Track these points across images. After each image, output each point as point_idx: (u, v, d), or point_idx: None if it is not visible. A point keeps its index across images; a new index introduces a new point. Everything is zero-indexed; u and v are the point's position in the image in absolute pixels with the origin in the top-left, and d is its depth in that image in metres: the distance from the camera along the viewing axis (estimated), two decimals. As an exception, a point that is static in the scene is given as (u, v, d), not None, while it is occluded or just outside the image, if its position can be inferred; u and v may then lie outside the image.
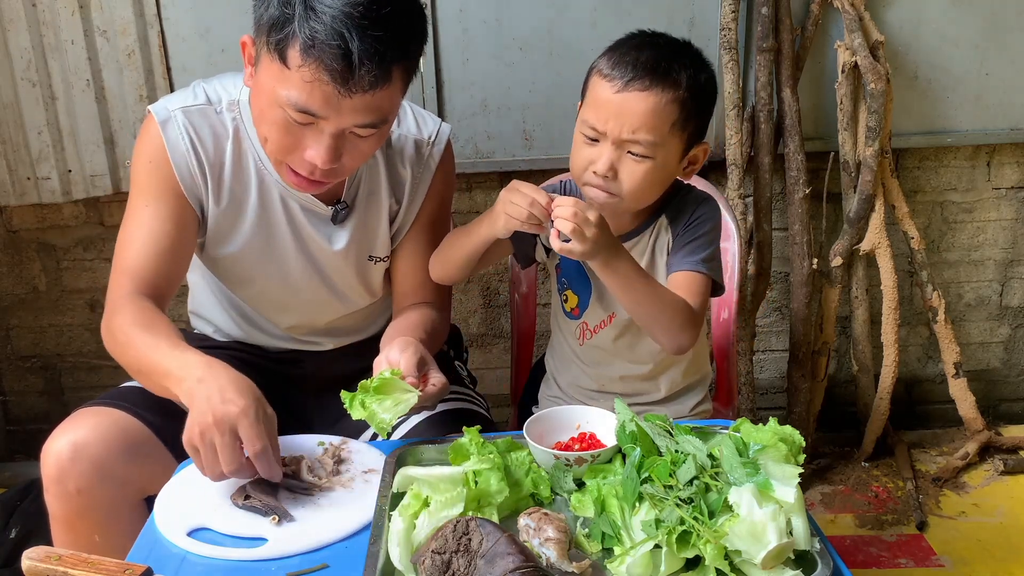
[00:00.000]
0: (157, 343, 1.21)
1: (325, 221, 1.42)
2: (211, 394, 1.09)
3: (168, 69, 2.11)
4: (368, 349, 1.46)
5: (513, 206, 1.25)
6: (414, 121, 1.47)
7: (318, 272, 1.46)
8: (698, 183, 1.55)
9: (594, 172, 1.30)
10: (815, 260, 2.24)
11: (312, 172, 1.25)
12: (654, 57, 1.28)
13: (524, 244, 1.48)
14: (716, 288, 1.41)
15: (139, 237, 1.34)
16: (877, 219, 2.20)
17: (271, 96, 1.19)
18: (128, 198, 1.38)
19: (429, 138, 1.48)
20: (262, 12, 1.17)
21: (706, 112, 1.34)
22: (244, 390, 1.11)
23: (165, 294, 1.37)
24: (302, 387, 1.55)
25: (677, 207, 1.42)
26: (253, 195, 1.38)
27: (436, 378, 1.22)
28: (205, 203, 1.37)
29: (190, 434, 1.09)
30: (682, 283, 1.38)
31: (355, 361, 1.51)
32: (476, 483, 1.03)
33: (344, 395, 1.15)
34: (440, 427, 1.40)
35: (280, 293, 1.47)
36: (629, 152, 1.29)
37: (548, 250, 1.47)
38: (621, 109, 1.27)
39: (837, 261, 2.26)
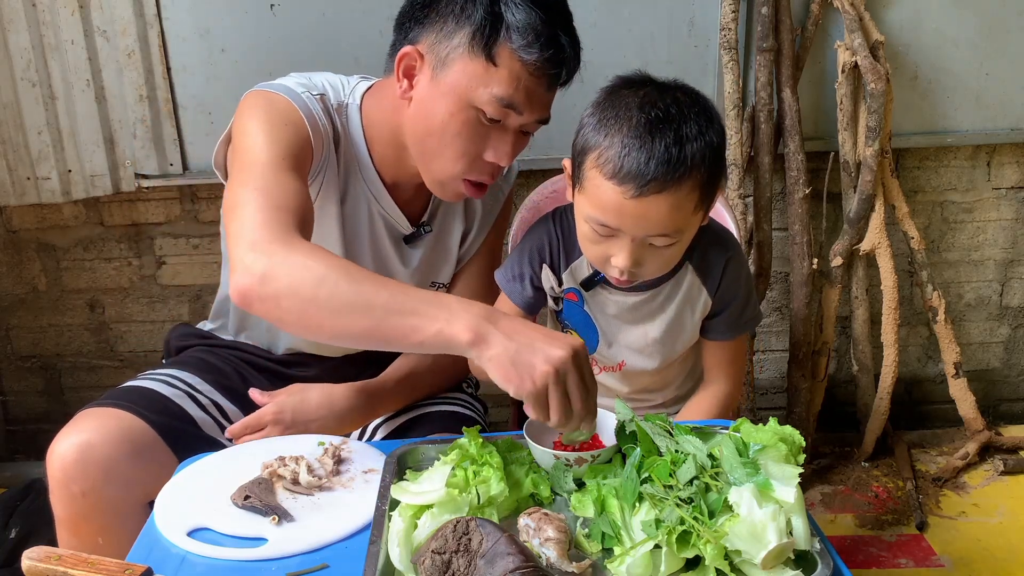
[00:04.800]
0: (394, 284, 1.06)
1: (399, 240, 1.44)
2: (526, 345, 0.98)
3: (168, 69, 2.11)
4: (375, 358, 1.47)
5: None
6: None
7: None
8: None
9: (615, 266, 1.22)
10: (815, 260, 2.24)
11: (494, 174, 1.30)
12: (663, 145, 1.12)
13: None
14: None
15: (285, 181, 1.18)
16: (877, 219, 2.20)
17: (464, 99, 1.23)
18: (245, 156, 1.21)
19: (503, 169, 1.49)
20: (454, 19, 1.22)
21: (722, 169, 1.22)
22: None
23: None
24: None
25: (701, 255, 1.34)
26: (348, 199, 1.38)
27: None
28: (320, 182, 1.34)
29: (532, 389, 0.98)
30: (721, 352, 1.41)
31: (362, 368, 1.49)
32: (477, 489, 1.03)
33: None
34: (432, 431, 1.41)
35: None
36: (651, 244, 1.20)
37: (553, 298, 1.43)
38: (637, 214, 1.15)
39: (837, 261, 2.26)
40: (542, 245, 1.38)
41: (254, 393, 1.34)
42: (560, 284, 1.38)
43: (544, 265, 1.38)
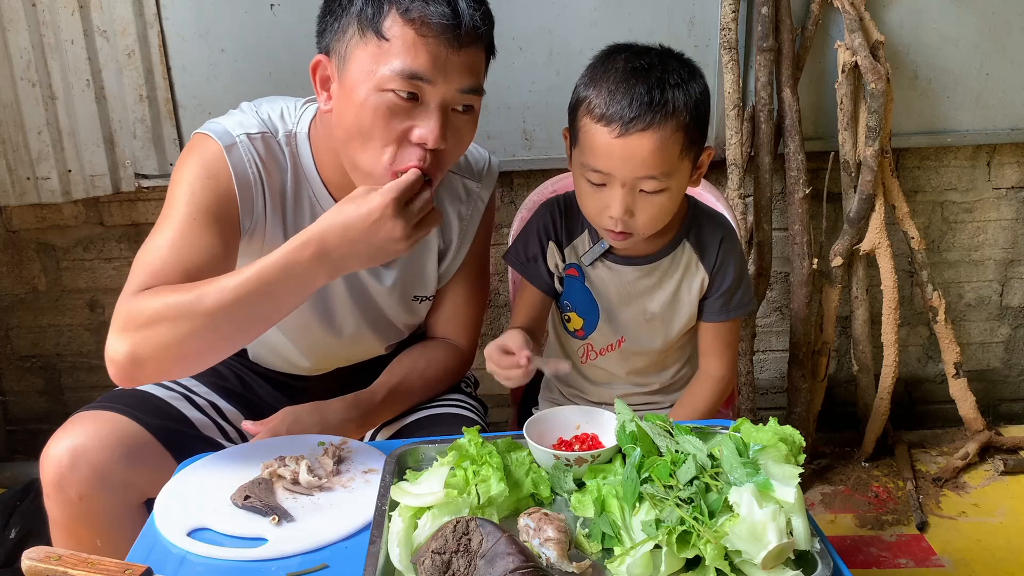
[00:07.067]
0: (229, 275, 1.15)
1: None
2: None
3: (168, 69, 2.11)
4: (375, 369, 1.47)
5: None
6: (463, 156, 1.43)
7: (364, 314, 1.44)
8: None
9: (610, 217, 1.27)
10: (815, 260, 2.24)
11: (423, 160, 1.19)
12: (646, 88, 1.21)
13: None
14: None
15: (186, 246, 1.21)
16: (877, 219, 2.20)
17: (369, 86, 1.17)
18: (166, 207, 1.25)
19: (478, 174, 1.47)
20: (344, 12, 1.20)
21: (706, 120, 1.30)
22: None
23: None
24: (303, 399, 1.53)
25: (697, 233, 1.40)
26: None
27: None
28: (261, 232, 1.32)
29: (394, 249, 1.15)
30: (715, 334, 1.43)
31: (363, 377, 1.48)
32: (477, 489, 1.03)
33: None
34: (434, 434, 1.40)
35: (321, 334, 1.43)
36: (642, 190, 1.25)
37: (557, 278, 1.45)
38: (625, 154, 1.22)
39: (837, 261, 2.26)
40: (547, 223, 1.44)
41: (246, 424, 1.33)
42: (564, 260, 1.42)
43: (551, 242, 1.43)
